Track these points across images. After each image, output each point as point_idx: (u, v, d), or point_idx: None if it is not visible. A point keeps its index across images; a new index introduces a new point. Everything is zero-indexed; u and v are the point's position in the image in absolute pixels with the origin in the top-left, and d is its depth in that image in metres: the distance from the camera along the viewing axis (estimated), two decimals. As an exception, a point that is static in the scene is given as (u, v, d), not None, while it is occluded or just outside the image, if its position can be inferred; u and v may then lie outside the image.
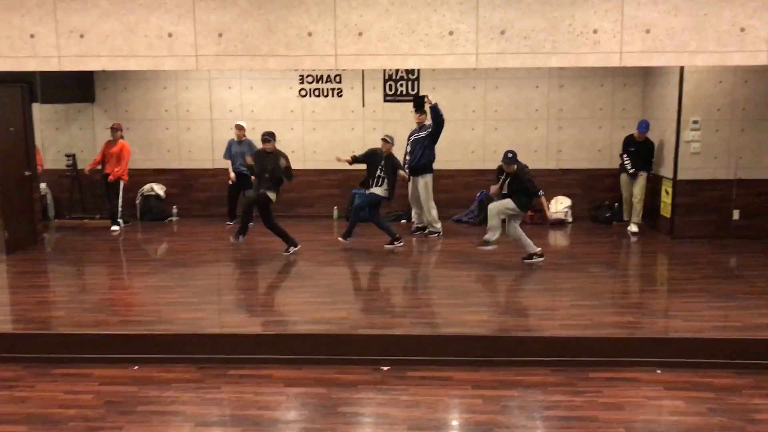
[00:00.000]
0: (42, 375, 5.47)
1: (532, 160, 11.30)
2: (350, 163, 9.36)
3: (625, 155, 10.24)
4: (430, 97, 9.67)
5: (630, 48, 5.07)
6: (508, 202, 8.34)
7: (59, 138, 11.47)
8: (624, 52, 5.08)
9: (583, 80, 11.01)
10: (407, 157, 10.05)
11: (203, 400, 5.02)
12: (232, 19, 5.16)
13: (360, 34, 5.15)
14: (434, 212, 10.03)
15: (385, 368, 5.49)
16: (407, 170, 9.83)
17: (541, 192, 8.31)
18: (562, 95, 11.20)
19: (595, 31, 5.08)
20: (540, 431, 4.54)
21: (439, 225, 10.09)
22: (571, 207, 11.06)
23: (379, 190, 9.14)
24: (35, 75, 8.88)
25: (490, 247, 8.43)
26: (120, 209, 10.53)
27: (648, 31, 5.05)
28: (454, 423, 4.72)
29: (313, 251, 9.04)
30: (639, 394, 5.01)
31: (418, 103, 9.85)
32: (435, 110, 9.58)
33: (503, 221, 8.52)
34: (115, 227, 10.45)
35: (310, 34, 5.16)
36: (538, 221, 10.91)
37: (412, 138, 10.02)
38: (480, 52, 5.12)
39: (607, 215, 10.93)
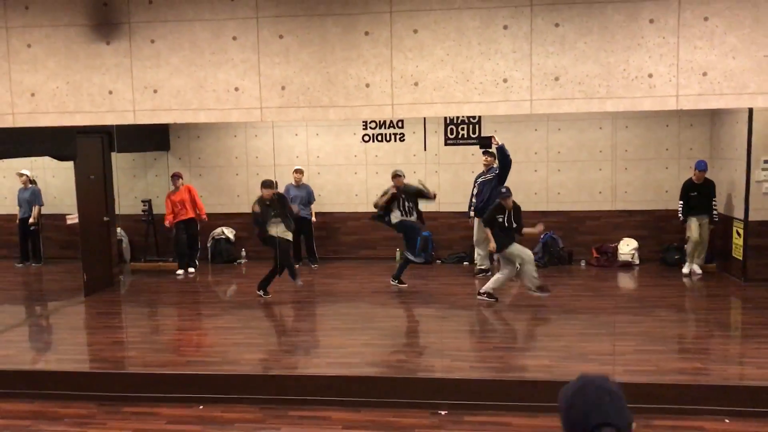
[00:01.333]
0: (113, 413, 5.72)
1: (597, 201, 11.22)
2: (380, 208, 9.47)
3: (680, 202, 10.05)
4: (496, 138, 9.73)
5: (687, 91, 5.05)
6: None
7: (137, 184, 12.06)
8: (680, 95, 5.06)
9: (647, 120, 10.88)
10: (474, 200, 10.14)
11: (264, 440, 5.15)
12: (295, 73, 5.42)
13: (416, 84, 5.31)
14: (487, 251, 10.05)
15: (443, 412, 5.50)
16: (471, 212, 10.01)
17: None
18: (627, 136, 11.09)
19: (650, 75, 5.09)
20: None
21: (487, 263, 10.09)
22: (638, 249, 10.84)
23: (412, 219, 9.34)
24: (113, 126, 9.44)
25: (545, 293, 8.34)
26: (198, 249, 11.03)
27: (705, 74, 5.03)
28: (511, 469, 4.69)
29: (375, 293, 9.15)
30: (706, 445, 4.86)
31: (484, 143, 9.93)
32: (501, 151, 9.65)
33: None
34: (191, 270, 10.90)
35: (367, 86, 5.36)
36: (604, 263, 10.75)
37: (480, 180, 10.12)
38: (534, 98, 5.20)
39: (676, 257, 10.64)
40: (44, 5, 5.70)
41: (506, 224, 8.49)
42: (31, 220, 11.45)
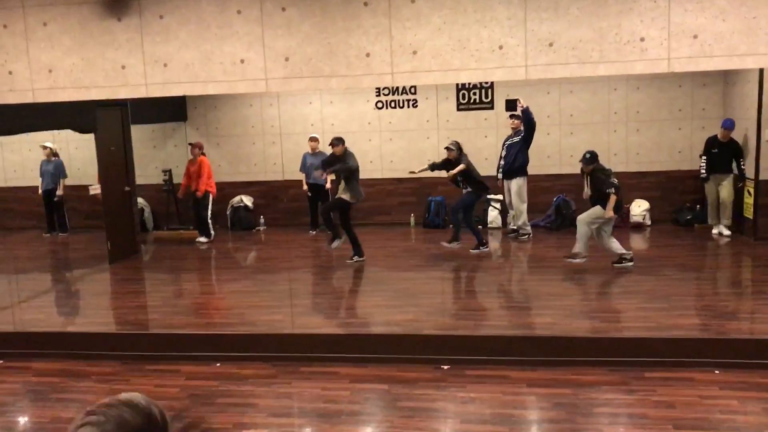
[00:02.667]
0: (136, 370, 6.09)
1: (612, 163, 11.27)
2: (431, 169, 9.60)
3: (703, 157, 10.04)
4: (522, 101, 9.82)
5: (678, 54, 5.15)
6: (594, 210, 8.31)
7: (156, 155, 12.39)
8: (672, 59, 5.17)
9: (660, 81, 10.88)
10: (501, 161, 10.33)
11: (276, 393, 5.47)
12: (297, 44, 5.61)
13: (414, 52, 5.48)
14: (525, 216, 10.21)
15: (446, 367, 5.77)
16: (499, 175, 10.12)
17: (611, 190, 8.20)
18: (639, 97, 11.11)
19: (642, 39, 5.19)
20: (587, 427, 4.70)
21: (528, 228, 10.27)
22: (650, 210, 10.93)
23: (469, 193, 9.30)
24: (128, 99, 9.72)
25: (578, 260, 8.36)
26: (210, 221, 11.11)
27: (695, 37, 5.12)
28: (505, 418, 4.94)
29: (389, 257, 9.42)
30: (692, 394, 5.07)
31: (510, 106, 10.05)
32: (526, 113, 9.79)
33: (593, 231, 8.36)
34: (202, 239, 11.03)
35: (368, 55, 5.53)
36: (617, 224, 10.85)
37: (507, 143, 10.31)
38: (529, 64, 5.33)
39: (688, 218, 10.73)
40: (58, -16, 5.94)
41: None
42: (58, 193, 11.85)
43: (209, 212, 11.01)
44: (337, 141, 9.01)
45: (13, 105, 6.44)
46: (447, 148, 9.43)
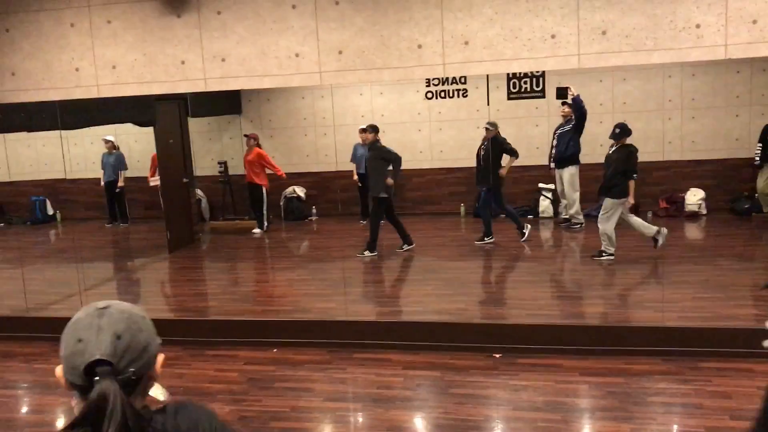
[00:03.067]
0: (197, 355, 6.32)
1: (666, 151, 11.11)
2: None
3: (759, 144, 9.80)
4: (573, 89, 9.77)
5: (736, 40, 5.07)
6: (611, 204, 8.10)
7: (213, 147, 12.70)
8: (729, 45, 5.08)
9: (717, 67, 10.64)
10: (553, 150, 10.29)
11: (331, 379, 5.62)
12: (350, 37, 5.72)
13: (466, 43, 5.52)
14: (577, 205, 10.14)
15: (498, 355, 5.83)
16: (552, 164, 10.05)
17: (635, 176, 8.04)
18: (695, 84, 10.89)
19: (698, 26, 5.12)
20: (641, 416, 4.71)
21: (581, 217, 10.20)
22: (706, 199, 10.73)
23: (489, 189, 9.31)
24: (188, 93, 10.00)
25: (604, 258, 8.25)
26: (265, 212, 11.34)
27: (755, 22, 5.03)
28: (557, 405, 4.98)
29: (439, 246, 9.49)
30: (750, 384, 5.02)
31: (561, 94, 10.00)
32: (576, 102, 9.73)
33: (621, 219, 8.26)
34: (256, 230, 11.25)
35: (420, 47, 5.60)
36: (673, 213, 10.69)
37: (558, 132, 10.26)
38: (582, 53, 5.32)
39: (746, 206, 10.48)
40: (121, -17, 6.17)
41: None
42: (120, 184, 12.28)
43: (264, 204, 11.21)
44: (372, 129, 8.94)
45: (78, 100, 6.72)
46: (485, 128, 9.42)
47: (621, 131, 8.12)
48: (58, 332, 5.38)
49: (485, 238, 9.40)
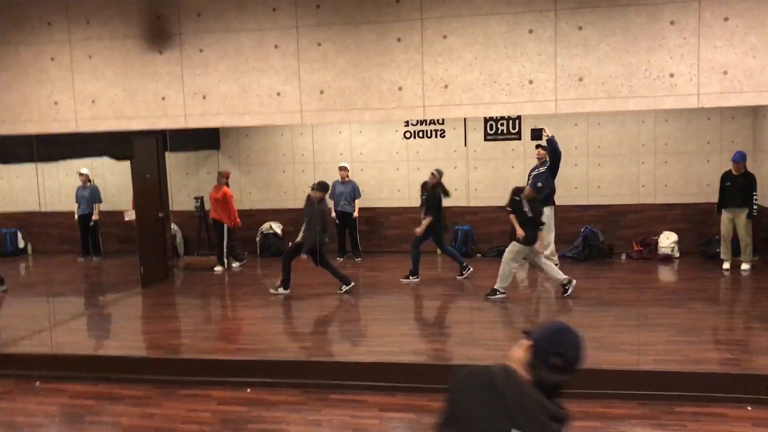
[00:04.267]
0: (169, 395, 6.20)
1: (638, 194, 11.30)
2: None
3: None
4: (547, 131, 9.91)
5: (708, 90, 5.21)
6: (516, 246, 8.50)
7: (189, 182, 12.64)
8: (702, 94, 5.23)
9: (689, 114, 10.91)
10: None
11: (306, 420, 5.54)
12: (332, 78, 5.78)
13: (446, 86, 5.60)
14: (551, 246, 10.21)
15: (474, 397, 5.78)
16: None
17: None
18: (668, 129, 11.14)
19: (671, 75, 5.27)
20: (618, 461, 4.70)
21: (555, 258, 10.27)
22: (679, 242, 10.89)
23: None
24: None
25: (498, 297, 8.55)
26: (225, 250, 11.11)
27: (725, 73, 5.19)
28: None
29: (416, 286, 9.48)
30: (725, 430, 5.05)
31: (536, 135, 10.11)
32: (551, 143, 9.86)
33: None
34: (217, 267, 11.06)
35: (400, 89, 5.68)
36: (646, 256, 10.83)
37: (534, 173, 10.35)
38: (559, 98, 5.43)
39: (717, 250, 10.63)
40: (104, 19, 6.19)
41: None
42: (94, 217, 12.14)
43: (225, 242, 11.09)
44: (320, 187, 9.08)
45: (55, 134, 6.67)
46: (432, 174, 9.77)
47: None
48: (25, 369, 5.31)
49: (411, 277, 9.64)
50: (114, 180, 12.57)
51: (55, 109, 6.36)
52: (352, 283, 9.15)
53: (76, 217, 12.31)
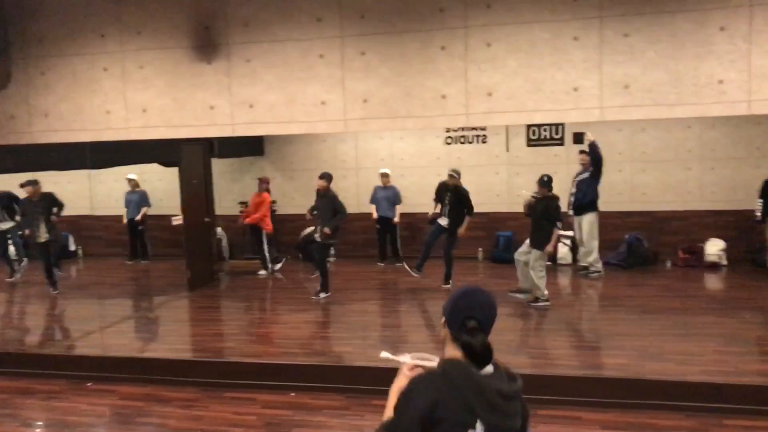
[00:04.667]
0: (215, 397, 6.32)
1: (684, 201, 11.10)
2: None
3: (759, 200, 9.79)
4: (589, 135, 9.82)
5: (758, 96, 5.12)
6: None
7: (234, 187, 12.86)
8: (753, 101, 5.14)
9: (737, 119, 10.66)
10: (572, 198, 10.33)
11: (348, 426, 5.60)
12: (376, 87, 5.84)
13: (489, 94, 5.62)
14: (596, 253, 10.11)
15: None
16: (570, 211, 10.16)
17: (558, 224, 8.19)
18: (714, 135, 10.93)
19: (720, 82, 5.19)
20: (665, 473, 4.64)
21: (599, 265, 10.16)
22: (726, 249, 10.66)
23: (443, 221, 9.46)
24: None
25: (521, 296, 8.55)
26: (267, 255, 11.28)
27: (777, 79, 5.10)
28: (580, 460, 4.93)
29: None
30: (775, 444, 4.94)
31: (578, 139, 10.05)
32: (592, 148, 9.78)
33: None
34: (261, 272, 11.26)
35: (443, 97, 5.71)
36: (692, 263, 10.63)
37: (578, 179, 10.30)
38: (604, 106, 5.40)
39: (766, 258, 10.40)
40: (154, 30, 6.37)
41: None
42: (137, 218, 12.45)
43: (265, 246, 11.25)
44: (324, 176, 9.08)
45: (107, 141, 6.88)
46: (450, 175, 9.58)
47: (548, 181, 8.27)
48: (77, 370, 5.50)
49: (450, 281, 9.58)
50: (162, 185, 12.85)
51: (107, 117, 6.56)
52: (329, 293, 9.24)
53: (124, 220, 12.63)
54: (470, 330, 2.30)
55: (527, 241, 8.52)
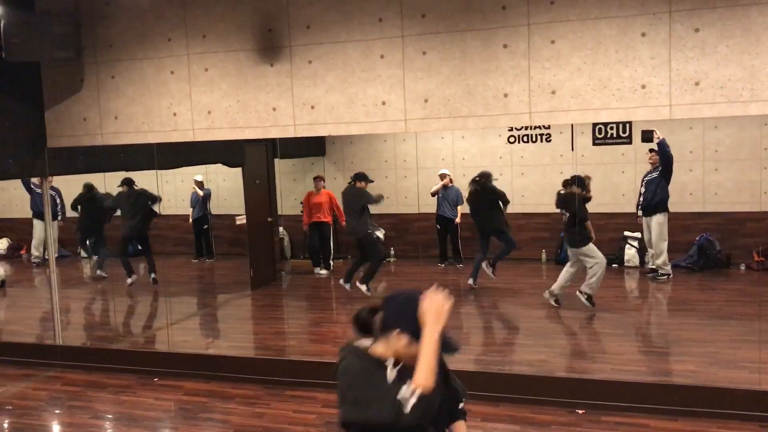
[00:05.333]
0: (276, 395, 6.40)
1: (761, 201, 10.64)
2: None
3: None
4: (658, 133, 9.54)
5: (840, 91, 4.85)
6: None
7: (296, 187, 13.01)
8: (832, 96, 4.87)
9: (818, 115, 10.17)
10: (640, 198, 10.07)
11: (408, 427, 5.57)
12: (436, 86, 5.79)
13: (553, 92, 5.49)
14: (664, 255, 9.81)
15: (581, 411, 5.64)
16: (639, 211, 9.94)
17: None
18: (794, 132, 10.43)
19: (799, 77, 4.94)
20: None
21: (668, 267, 9.86)
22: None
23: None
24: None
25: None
26: (332, 252, 11.50)
27: None
28: (646, 470, 4.77)
29: (520, 294, 9.34)
30: None
31: (646, 137, 9.77)
32: (662, 146, 9.51)
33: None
34: (323, 271, 11.39)
35: (506, 95, 5.61)
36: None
37: (647, 179, 10.04)
38: (673, 103, 5.20)
39: None
40: (219, 33, 6.48)
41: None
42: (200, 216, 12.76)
43: (332, 244, 11.45)
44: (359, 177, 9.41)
45: (173, 142, 7.04)
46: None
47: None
48: (144, 365, 5.66)
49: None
50: (226, 185, 13.11)
51: (174, 119, 6.71)
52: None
53: (190, 220, 12.94)
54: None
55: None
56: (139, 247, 10.87)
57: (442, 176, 11.40)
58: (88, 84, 6.99)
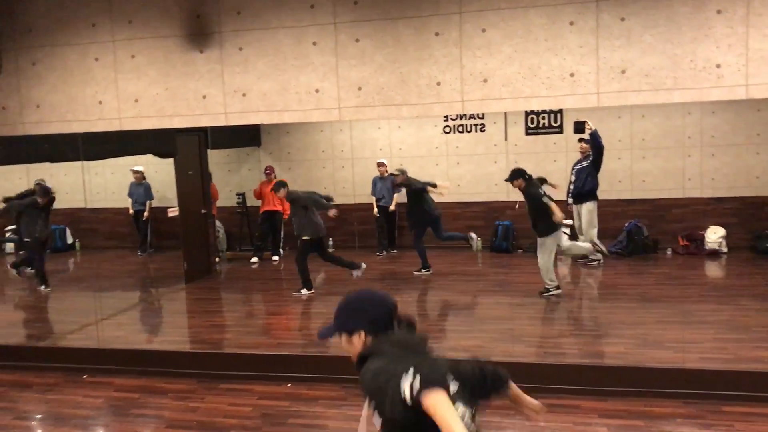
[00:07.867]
0: (211, 389, 6.28)
1: (684, 188, 11.04)
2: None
3: None
4: (590, 124, 9.75)
5: (756, 80, 5.05)
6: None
7: (231, 178, 12.80)
8: (750, 85, 5.07)
9: (737, 105, 10.60)
10: (571, 186, 10.26)
11: (345, 416, 5.56)
12: (370, 74, 5.77)
13: (485, 80, 5.55)
14: (596, 240, 10.04)
15: (515, 395, 5.72)
16: (570, 200, 10.12)
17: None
18: (714, 121, 10.85)
19: (718, 66, 5.12)
20: (663, 462, 4.60)
21: (599, 255, 10.10)
22: (727, 237, 10.60)
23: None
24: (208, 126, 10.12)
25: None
26: (282, 241, 11.56)
27: (776, 62, 5.02)
28: (578, 449, 4.89)
29: (456, 282, 9.44)
30: (775, 431, 4.90)
31: (578, 128, 9.96)
32: (594, 137, 9.71)
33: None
34: (275, 257, 11.53)
35: (438, 84, 5.64)
36: (692, 251, 10.58)
37: (576, 167, 10.23)
38: (601, 91, 5.33)
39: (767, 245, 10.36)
40: (145, 19, 6.29)
41: None
42: (146, 214, 12.43)
43: (281, 233, 11.57)
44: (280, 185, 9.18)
45: (100, 132, 6.81)
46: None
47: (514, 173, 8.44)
48: (73, 362, 5.44)
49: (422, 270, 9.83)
50: (158, 177, 12.79)
51: (99, 108, 6.49)
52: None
53: (131, 212, 12.59)
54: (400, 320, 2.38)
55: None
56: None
57: (380, 164, 11.42)
58: (6, 71, 6.69)
